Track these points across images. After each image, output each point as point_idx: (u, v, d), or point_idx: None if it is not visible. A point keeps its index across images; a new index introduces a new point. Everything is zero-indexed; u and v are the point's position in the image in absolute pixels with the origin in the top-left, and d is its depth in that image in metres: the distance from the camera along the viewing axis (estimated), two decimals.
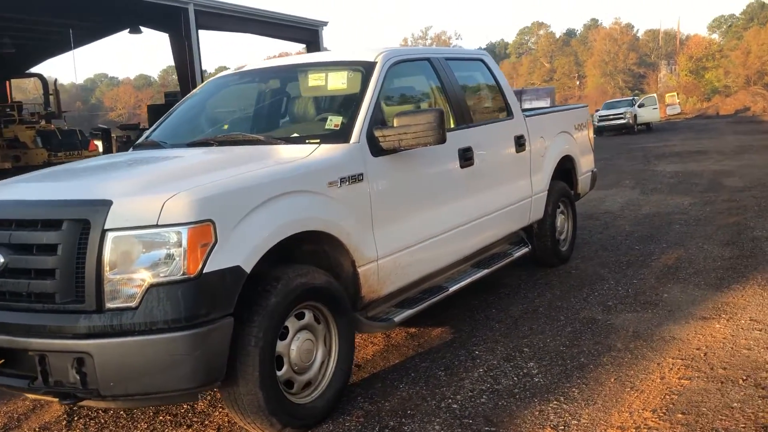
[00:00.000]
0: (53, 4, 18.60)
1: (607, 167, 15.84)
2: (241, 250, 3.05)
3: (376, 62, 4.34)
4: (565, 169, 6.67)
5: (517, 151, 5.52)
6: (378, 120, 4.05)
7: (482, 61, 5.60)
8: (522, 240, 5.81)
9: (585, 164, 6.97)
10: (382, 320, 4.00)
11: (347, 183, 3.69)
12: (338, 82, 4.38)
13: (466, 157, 4.74)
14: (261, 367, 3.12)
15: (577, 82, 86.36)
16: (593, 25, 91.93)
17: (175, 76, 33.86)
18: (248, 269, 3.06)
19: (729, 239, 7.10)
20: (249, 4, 22.16)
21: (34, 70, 28.80)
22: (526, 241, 5.80)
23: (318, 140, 3.91)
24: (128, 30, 23.85)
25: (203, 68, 21.52)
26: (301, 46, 26.24)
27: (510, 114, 5.59)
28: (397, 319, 4.03)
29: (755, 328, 4.44)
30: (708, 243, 6.99)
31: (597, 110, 35.13)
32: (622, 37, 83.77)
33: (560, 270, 6.25)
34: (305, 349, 3.43)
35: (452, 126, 4.82)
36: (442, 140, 3.97)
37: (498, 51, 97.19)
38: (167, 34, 21.54)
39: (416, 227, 4.24)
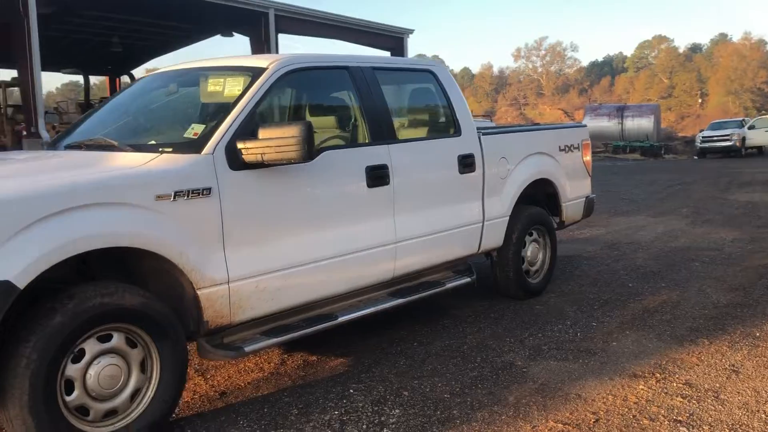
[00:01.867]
0: (156, 9, 19.49)
1: (677, 192, 14.68)
2: (13, 263, 2.85)
3: (266, 68, 4.04)
4: (548, 193, 6.10)
5: (462, 172, 5.04)
6: (249, 131, 3.74)
7: (431, 72, 5.17)
8: (469, 268, 5.31)
9: (574, 189, 6.33)
10: (231, 349, 3.69)
11: (186, 197, 3.42)
12: (234, 89, 4.12)
13: (377, 175, 4.35)
14: (31, 391, 2.90)
15: (699, 100, 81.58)
16: (721, 39, 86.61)
17: None
18: (21, 284, 2.86)
19: (741, 284, 6.24)
20: (346, 11, 22.30)
21: (137, 70, 30.31)
22: (471, 271, 5.29)
23: (171, 149, 3.67)
24: (221, 34, 24.66)
25: None
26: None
27: (457, 131, 5.12)
28: (248, 348, 3.72)
29: (680, 394, 3.79)
30: (713, 286, 6.17)
31: (701, 131, 32.90)
32: (751, 54, 78.32)
33: (523, 304, 5.69)
34: (107, 374, 3.18)
35: (366, 141, 4.46)
36: (307, 157, 3.63)
37: (615, 65, 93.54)
38: (248, 38, 22.10)
39: (291, 249, 3.90)
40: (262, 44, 21.67)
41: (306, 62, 4.27)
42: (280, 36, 21.13)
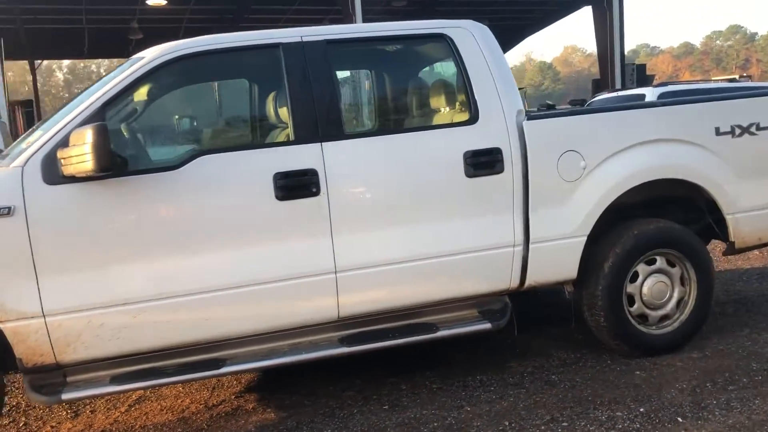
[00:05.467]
0: None
1: None
2: None
3: (143, 57, 3.33)
4: (697, 201, 4.02)
5: (473, 174, 3.54)
6: None
7: (444, 38, 3.68)
8: (503, 309, 3.74)
9: (754, 194, 4.03)
10: (44, 393, 3.14)
11: None
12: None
13: (294, 185, 3.29)
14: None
15: None
16: None
17: None
18: None
19: None
20: None
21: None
22: (504, 312, 3.72)
23: None
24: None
25: (624, 48, 19.69)
26: None
27: (472, 118, 3.60)
28: (65, 396, 3.13)
29: None
30: None
31: None
32: None
33: (630, 364, 3.83)
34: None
35: (286, 140, 3.41)
36: (103, 167, 2.88)
37: None
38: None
39: (142, 279, 3.16)
40: (604, 12, 19.90)
41: (206, 45, 3.39)
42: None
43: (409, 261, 3.49)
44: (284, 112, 3.50)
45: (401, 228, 3.48)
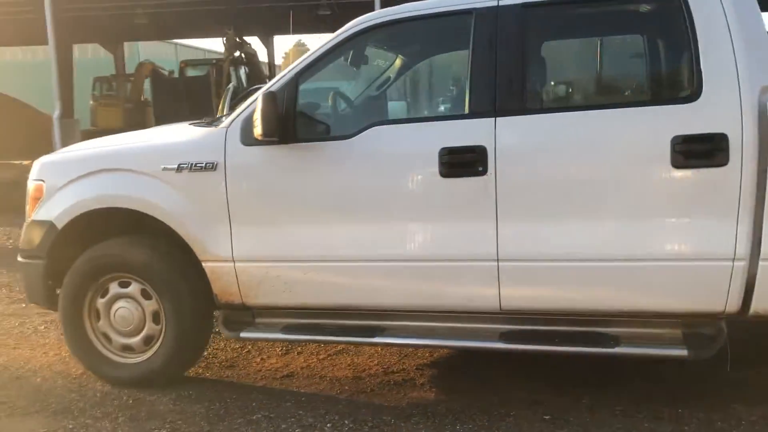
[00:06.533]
0: None
1: None
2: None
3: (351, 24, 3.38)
4: None
5: (682, 165, 2.86)
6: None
7: None
8: (716, 336, 2.98)
9: None
10: (231, 329, 3.52)
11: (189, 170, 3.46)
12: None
13: (460, 161, 3.09)
14: None
15: None
16: None
17: None
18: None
19: None
20: None
21: None
22: (709, 339, 2.95)
23: None
24: None
25: None
26: None
27: (695, 93, 2.86)
28: (243, 334, 3.49)
29: None
30: None
31: None
32: None
33: None
34: None
35: (461, 113, 3.18)
36: (266, 133, 3.13)
37: None
38: None
39: (312, 241, 3.32)
40: None
41: (398, 14, 3.32)
42: None
43: (585, 260, 3.02)
44: (467, 82, 3.27)
45: (578, 222, 3.02)
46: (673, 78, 3.08)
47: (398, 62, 3.97)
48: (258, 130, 3.14)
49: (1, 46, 22.15)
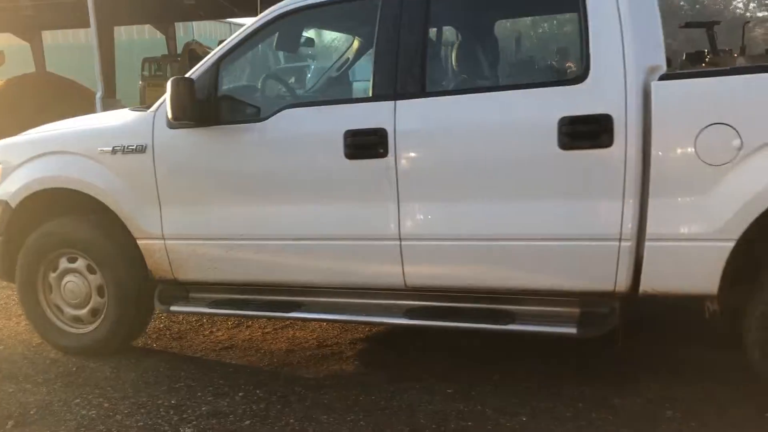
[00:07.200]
0: None
1: None
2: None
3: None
4: None
5: (569, 146, 2.87)
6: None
7: None
8: (606, 315, 3.01)
9: None
10: (164, 302, 3.71)
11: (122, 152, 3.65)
12: None
13: (363, 144, 3.18)
14: None
15: None
16: None
17: None
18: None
19: None
20: None
21: None
22: (600, 318, 2.99)
23: None
24: None
25: None
26: None
27: (583, 75, 2.86)
28: (173, 308, 3.70)
29: None
30: None
31: None
32: None
33: None
34: None
35: (364, 96, 3.26)
36: (175, 116, 3.29)
37: None
38: None
39: (231, 219, 3.48)
40: None
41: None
42: None
43: (481, 240, 3.09)
44: (371, 66, 3.34)
45: (475, 202, 3.08)
46: (565, 60, 3.08)
47: (320, 46, 4.06)
48: (169, 114, 3.29)
49: (51, 29, 22.87)
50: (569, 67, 3.02)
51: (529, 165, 2.98)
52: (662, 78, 2.80)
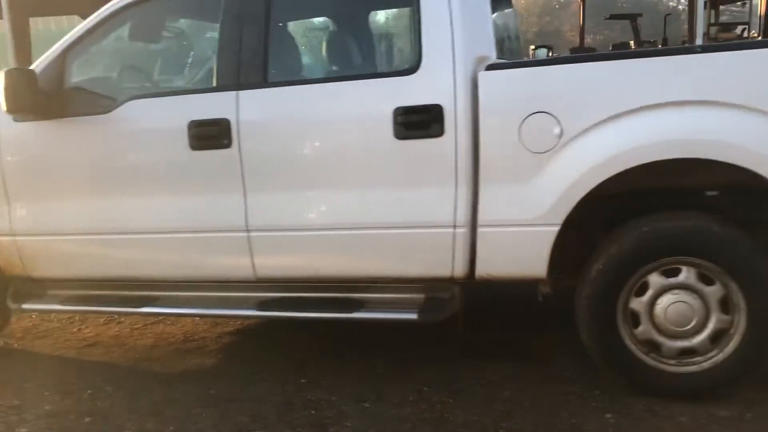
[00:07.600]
0: None
1: None
2: None
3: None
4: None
5: (403, 136, 2.92)
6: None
7: None
8: (445, 301, 3.08)
9: None
10: (18, 300, 3.62)
11: None
12: None
13: (206, 134, 3.15)
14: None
15: None
16: None
17: None
18: None
19: None
20: None
21: None
22: (441, 303, 3.06)
23: None
24: None
25: None
26: None
27: (415, 66, 2.91)
28: (26, 306, 3.62)
29: None
30: None
31: None
32: None
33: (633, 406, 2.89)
34: None
35: (209, 86, 3.24)
36: (10, 109, 3.21)
37: None
38: None
39: (83, 214, 3.41)
40: None
41: None
42: None
43: (324, 229, 3.11)
44: (214, 55, 3.32)
45: (317, 192, 3.10)
46: (400, 51, 3.13)
47: (172, 36, 4.02)
48: (3, 107, 3.19)
49: None
50: (404, 58, 3.05)
51: (367, 155, 3.01)
52: (489, 68, 2.86)
